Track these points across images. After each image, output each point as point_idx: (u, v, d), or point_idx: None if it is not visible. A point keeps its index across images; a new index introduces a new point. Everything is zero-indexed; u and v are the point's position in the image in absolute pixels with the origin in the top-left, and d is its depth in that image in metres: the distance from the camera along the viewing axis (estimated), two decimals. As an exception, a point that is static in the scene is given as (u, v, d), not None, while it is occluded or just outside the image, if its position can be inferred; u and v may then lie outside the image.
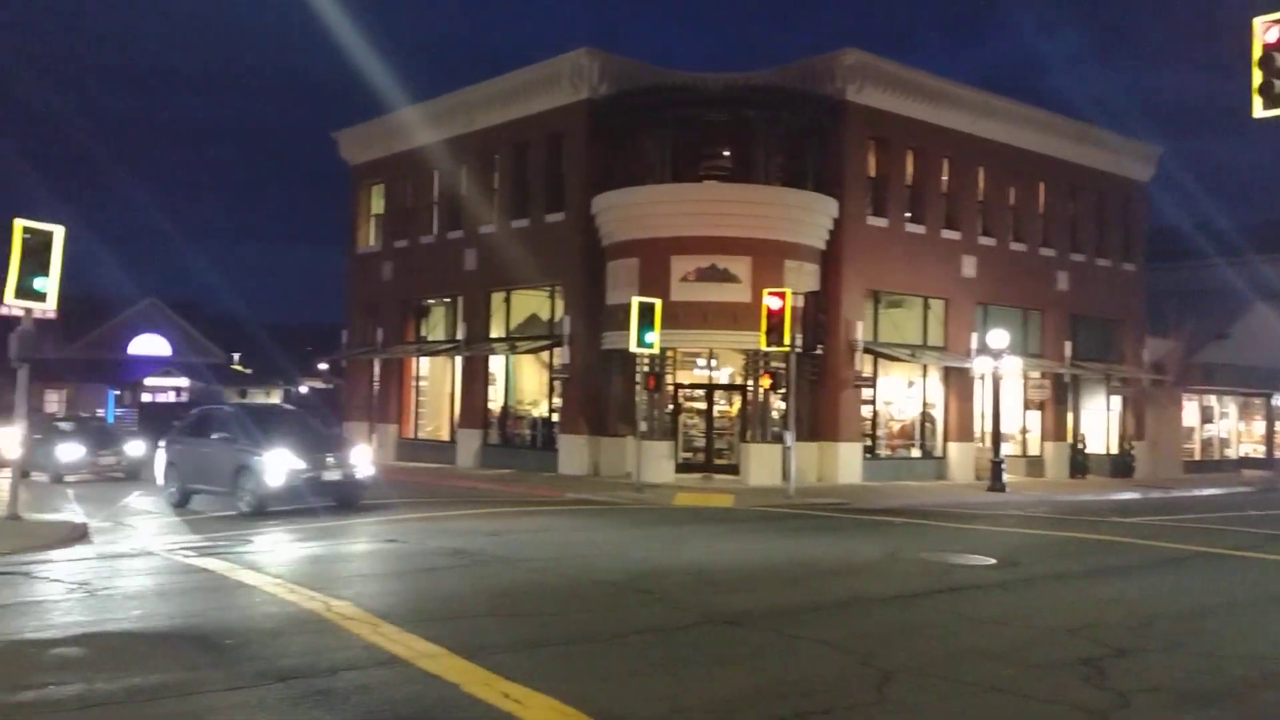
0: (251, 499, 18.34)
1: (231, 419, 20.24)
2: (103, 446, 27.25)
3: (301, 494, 18.59)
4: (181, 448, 20.59)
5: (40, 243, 16.39)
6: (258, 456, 18.49)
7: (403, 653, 8.06)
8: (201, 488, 19.89)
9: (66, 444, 26.52)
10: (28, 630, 9.05)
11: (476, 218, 32.41)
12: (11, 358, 17.01)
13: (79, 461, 26.35)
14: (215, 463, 19.34)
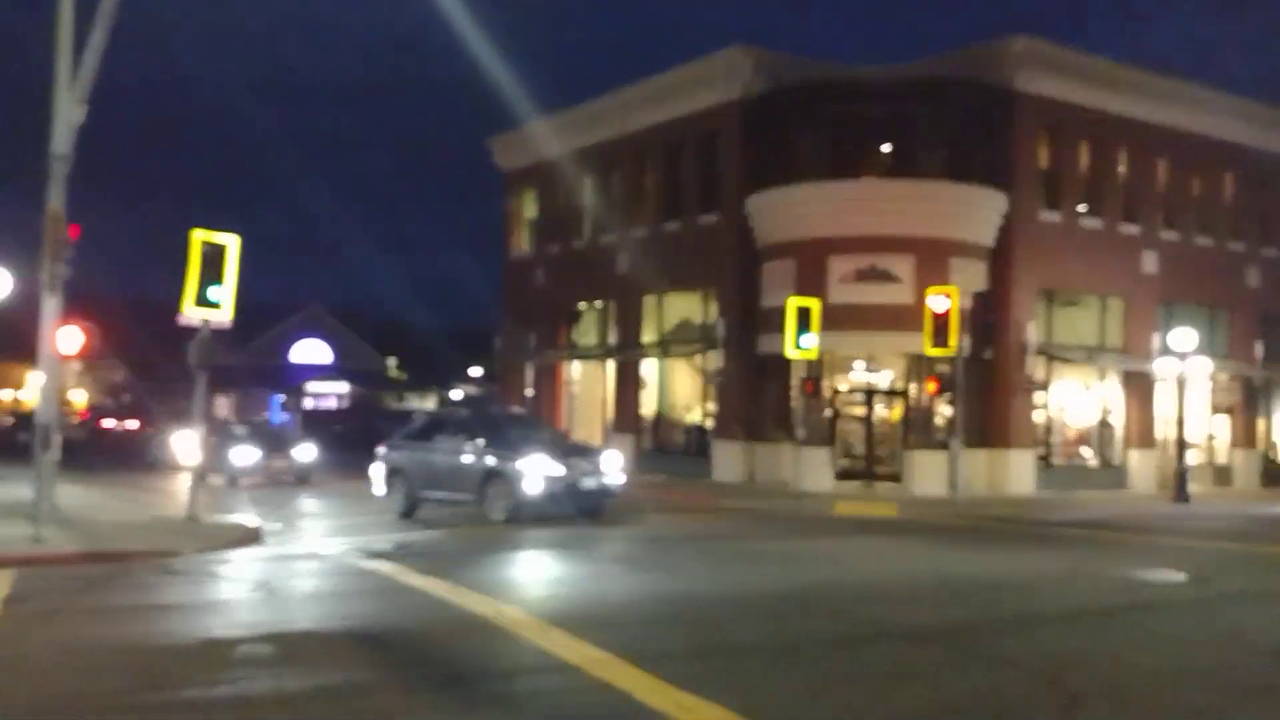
0: (506, 507, 17.68)
1: (474, 424, 19.56)
2: (275, 451, 27.60)
3: (560, 502, 17.87)
4: (409, 454, 19.81)
5: (216, 254, 17.02)
6: (512, 463, 17.77)
7: (573, 659, 7.97)
8: (437, 496, 19.21)
9: (242, 448, 26.99)
10: (217, 628, 9.32)
11: (628, 221, 32.43)
12: (190, 365, 17.72)
13: (253, 465, 26.71)
14: (456, 470, 18.65)
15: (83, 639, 8.79)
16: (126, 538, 14.80)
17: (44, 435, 15.28)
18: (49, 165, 16.46)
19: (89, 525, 15.83)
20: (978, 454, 26.23)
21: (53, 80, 16.45)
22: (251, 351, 58.44)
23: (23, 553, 12.96)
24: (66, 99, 16.28)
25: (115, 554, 13.48)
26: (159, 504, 20.25)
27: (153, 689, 7.10)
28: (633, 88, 31.94)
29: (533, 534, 16.57)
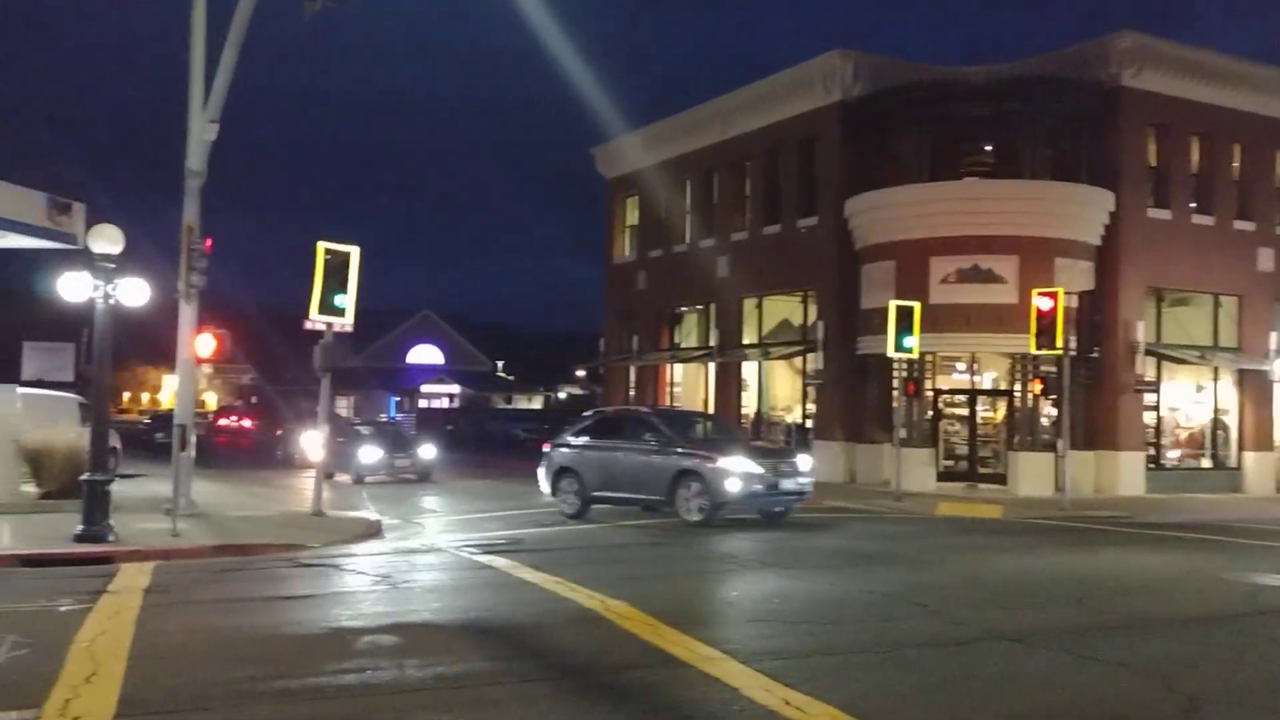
0: (703, 508, 17.26)
1: (659, 422, 19.01)
2: (398, 450, 28.17)
3: (759, 503, 17.58)
4: (581, 454, 19.30)
5: (339, 262, 17.88)
6: (711, 462, 17.41)
7: (681, 654, 8.19)
8: (615, 496, 18.78)
9: (367, 447, 27.60)
10: (344, 618, 9.88)
11: (728, 225, 32.69)
12: (315, 368, 18.61)
13: (378, 464, 27.28)
14: (641, 470, 18.19)
15: (218, 628, 9.38)
16: (256, 532, 15.69)
17: (181, 435, 16.29)
18: (184, 180, 17.56)
19: (221, 520, 16.80)
20: (1085, 455, 25.76)
21: (187, 101, 17.53)
22: (369, 355, 60.35)
23: (162, 546, 13.87)
24: (200, 118, 17.33)
25: (246, 547, 14.33)
26: (286, 500, 21.25)
27: (284, 676, 7.56)
28: (732, 95, 32.21)
29: (633, 533, 16.98)
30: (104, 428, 14.64)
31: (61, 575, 11.92)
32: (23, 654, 7.92)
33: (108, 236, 14.20)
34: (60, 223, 23.58)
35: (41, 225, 23.31)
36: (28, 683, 7.11)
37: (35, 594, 10.55)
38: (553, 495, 19.73)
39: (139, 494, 18.96)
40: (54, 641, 8.28)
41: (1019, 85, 27.07)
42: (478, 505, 21.04)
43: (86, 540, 13.64)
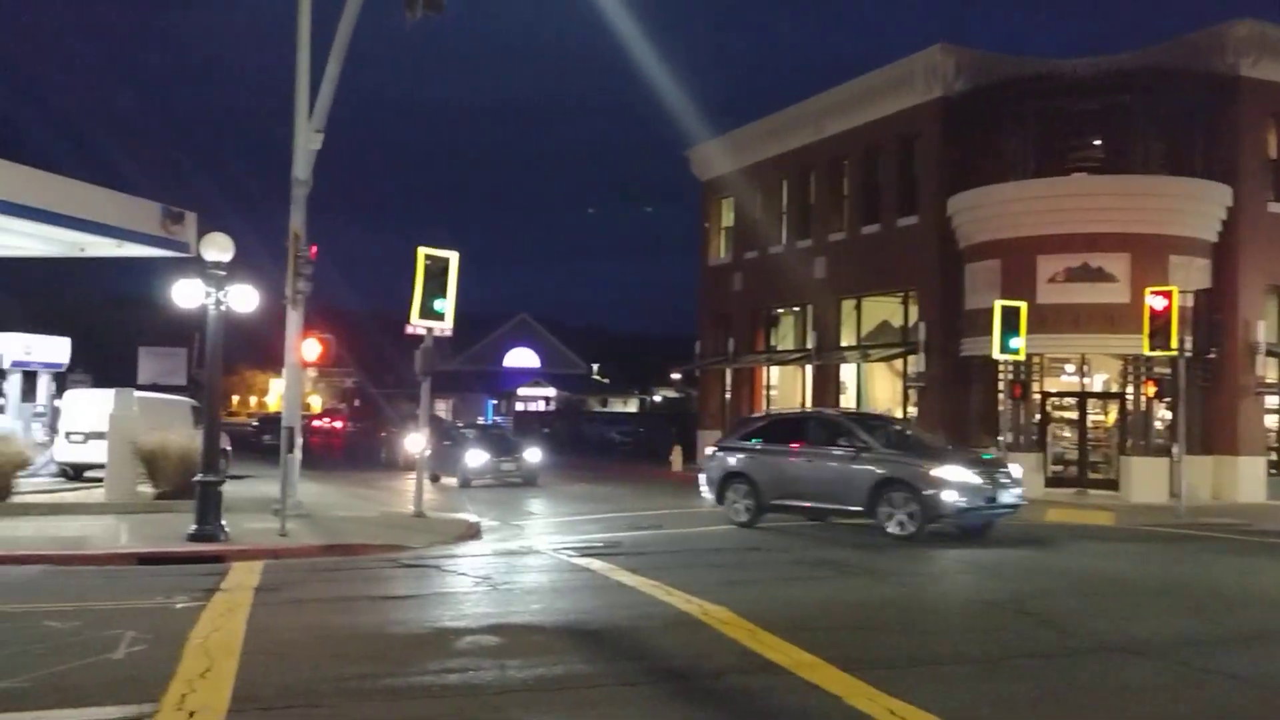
0: (912, 520, 15.92)
1: (854, 425, 17.63)
2: (504, 453, 27.76)
3: (975, 517, 16.20)
4: (757, 458, 18.04)
5: (439, 267, 18.16)
6: (923, 470, 16.06)
7: (781, 660, 8.10)
8: (799, 505, 17.59)
9: (473, 450, 27.29)
10: (446, 619, 10.00)
11: (826, 225, 32.31)
12: (416, 371, 18.92)
13: (484, 467, 26.96)
14: (834, 477, 16.90)
15: (326, 626, 9.58)
16: (360, 532, 16.01)
17: (288, 437, 16.72)
18: (290, 189, 18.02)
19: (326, 520, 17.19)
20: (1202, 460, 24.75)
21: (293, 112, 17.98)
22: (467, 358, 61.30)
23: (270, 545, 14.25)
24: (305, 128, 17.76)
25: (351, 547, 14.63)
26: (388, 501, 21.64)
27: (390, 674, 7.69)
28: (829, 93, 31.84)
29: (728, 535, 16.85)
30: (215, 430, 15.09)
31: (176, 573, 12.31)
32: (141, 649, 8.18)
33: (219, 245, 14.66)
34: (173, 232, 24.50)
35: (156, 234, 24.26)
36: (146, 677, 7.33)
37: (152, 591, 10.91)
38: (718, 503, 18.56)
39: (248, 494, 19.50)
40: (170, 637, 8.53)
41: (1129, 77, 26.16)
42: (575, 508, 21.13)
43: (199, 539, 14.08)
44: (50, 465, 22.27)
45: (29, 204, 21.14)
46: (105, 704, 6.67)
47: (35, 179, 21.78)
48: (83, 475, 22.15)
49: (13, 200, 20.81)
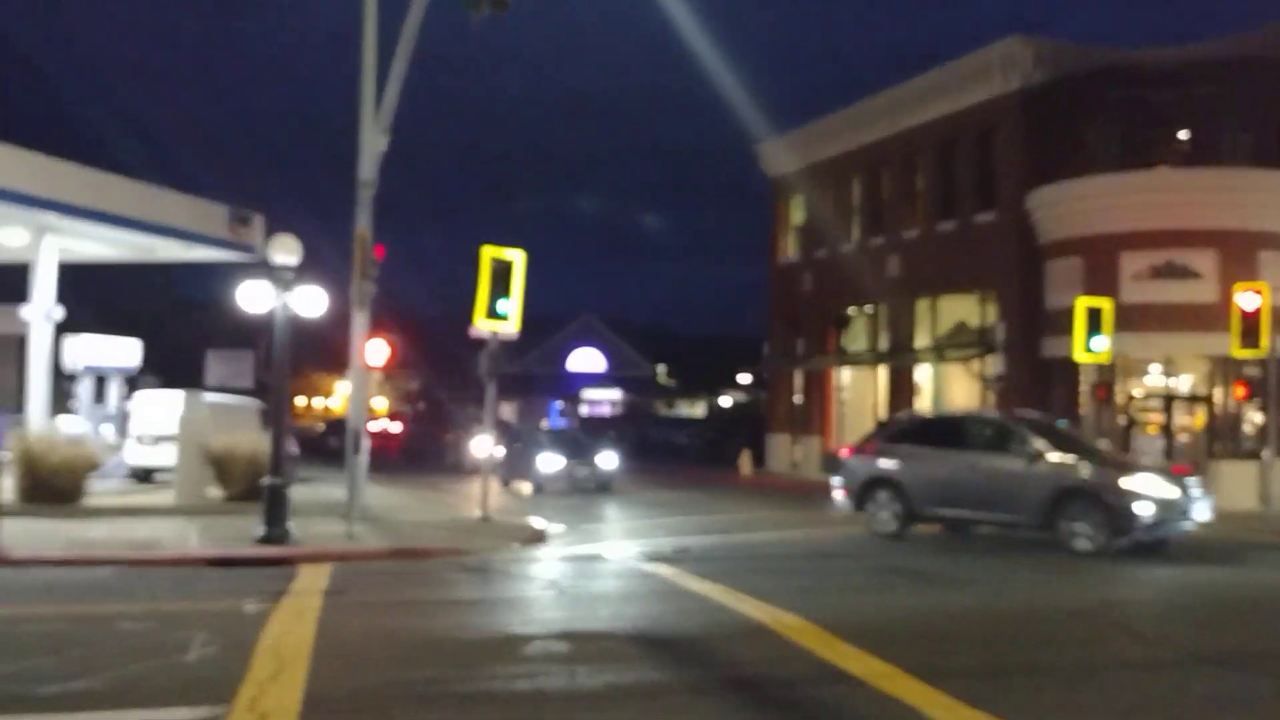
0: (1102, 535, 14.62)
1: (1023, 429, 16.14)
2: (579, 458, 26.66)
3: (1165, 531, 14.95)
4: (906, 463, 16.75)
5: (504, 268, 18.01)
6: (1111, 480, 14.89)
7: (857, 670, 7.83)
8: (957, 514, 16.43)
9: (547, 454, 26.25)
10: (514, 624, 9.87)
11: (899, 223, 31.69)
12: (481, 374, 18.80)
13: (558, 473, 25.86)
14: (1003, 485, 15.59)
15: (394, 630, 9.48)
16: (427, 536, 15.92)
17: (354, 440, 16.69)
18: (356, 191, 18.01)
19: (393, 524, 17.14)
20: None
21: (359, 113, 17.97)
22: (532, 360, 61.45)
23: (338, 549, 14.20)
24: (371, 129, 17.75)
25: (418, 551, 14.52)
26: (454, 504, 21.57)
27: (459, 679, 7.57)
28: (902, 87, 31.24)
29: (799, 541, 16.46)
30: (283, 434, 15.08)
31: (245, 576, 12.30)
32: (212, 651, 8.14)
33: (286, 247, 14.65)
34: (241, 234, 24.77)
35: (224, 237, 24.54)
36: (217, 679, 7.28)
37: (222, 594, 10.88)
38: (857, 509, 17.35)
39: (315, 498, 19.56)
40: (241, 640, 8.48)
41: (1214, 66, 25.25)
42: (640, 513, 20.92)
43: (268, 542, 14.07)
44: (121, 467, 22.57)
45: (103, 209, 21.57)
46: (178, 705, 6.68)
47: (109, 184, 22.20)
48: (152, 478, 22.43)
49: (88, 206, 21.25)
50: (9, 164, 19.78)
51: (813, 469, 34.09)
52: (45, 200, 20.29)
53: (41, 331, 22.56)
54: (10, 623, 9.09)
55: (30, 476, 16.55)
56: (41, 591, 10.86)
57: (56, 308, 22.58)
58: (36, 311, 22.37)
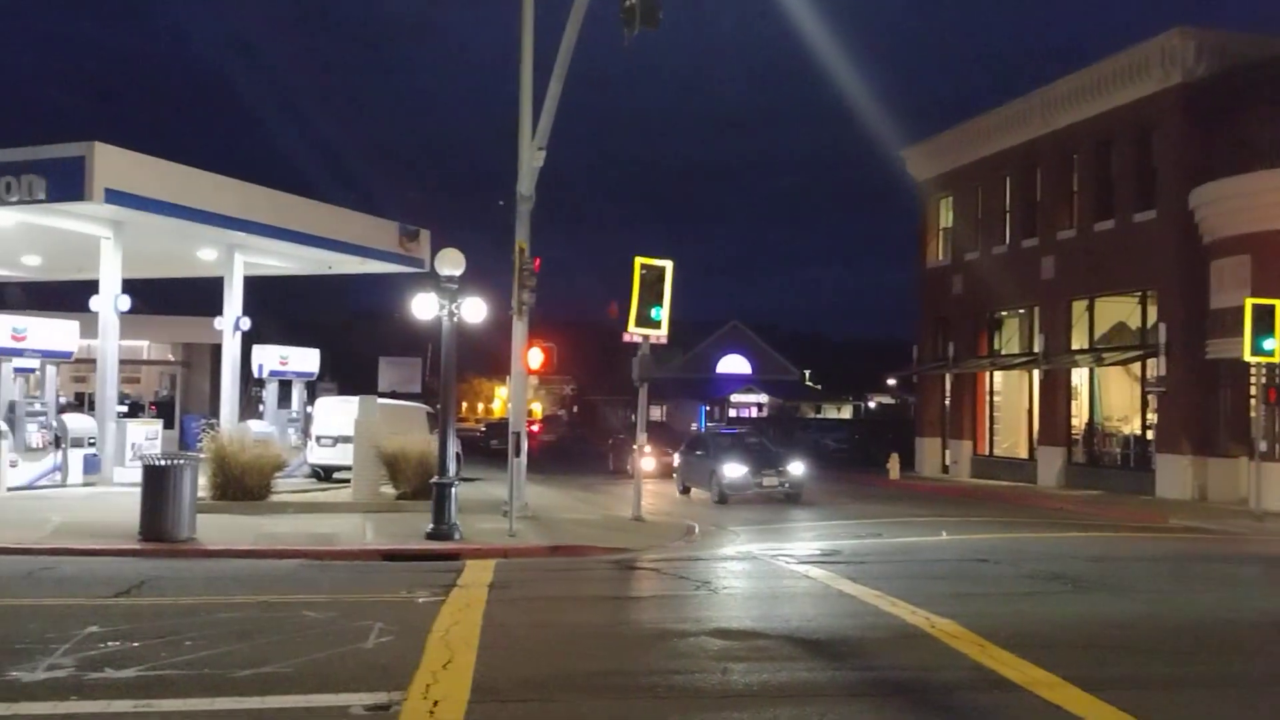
0: None
1: None
2: (765, 466, 24.33)
3: None
4: None
5: (654, 276, 18.52)
6: None
7: (1016, 677, 7.82)
8: None
9: (731, 463, 24.09)
10: (668, 621, 10.21)
11: (1054, 223, 30.81)
12: (634, 378, 19.34)
13: (743, 481, 23.78)
14: None
15: (556, 624, 9.99)
16: (583, 534, 16.51)
17: (515, 442, 17.45)
18: (515, 205, 18.82)
19: (551, 522, 17.80)
20: None
21: (517, 132, 18.78)
22: (679, 365, 62.01)
23: (501, 545, 14.91)
24: (529, 147, 18.50)
25: (575, 548, 15.11)
26: (608, 504, 22.14)
27: (617, 673, 7.95)
28: (1055, 84, 30.36)
29: (953, 546, 16.33)
30: (450, 435, 15.93)
31: (416, 569, 13.07)
32: (389, 640, 8.74)
33: (451, 260, 15.53)
34: (409, 249, 26.19)
35: (395, 251, 26.01)
36: (394, 666, 7.84)
37: (396, 585, 11.64)
38: None
39: (478, 496, 20.42)
40: (414, 630, 9.08)
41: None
42: (789, 515, 21.05)
43: (436, 538, 14.90)
44: (303, 467, 24.10)
45: (286, 227, 23.21)
46: (359, 690, 7.17)
47: (292, 204, 23.90)
48: (331, 476, 23.84)
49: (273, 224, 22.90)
50: (205, 188, 21.55)
51: (964, 473, 33.46)
52: (237, 220, 22.02)
53: (232, 341, 24.40)
54: (207, 610, 9.90)
55: (222, 475, 17.89)
56: (233, 581, 11.76)
57: (245, 319, 24.40)
58: (227, 322, 24.25)
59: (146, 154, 20.69)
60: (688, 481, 26.05)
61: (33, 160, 19.70)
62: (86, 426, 21.39)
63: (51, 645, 8.19)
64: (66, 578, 11.79)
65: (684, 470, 26.44)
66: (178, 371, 36.41)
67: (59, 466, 20.58)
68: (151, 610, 9.95)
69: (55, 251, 25.70)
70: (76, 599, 10.45)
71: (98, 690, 7.09)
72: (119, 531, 14.48)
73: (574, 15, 17.34)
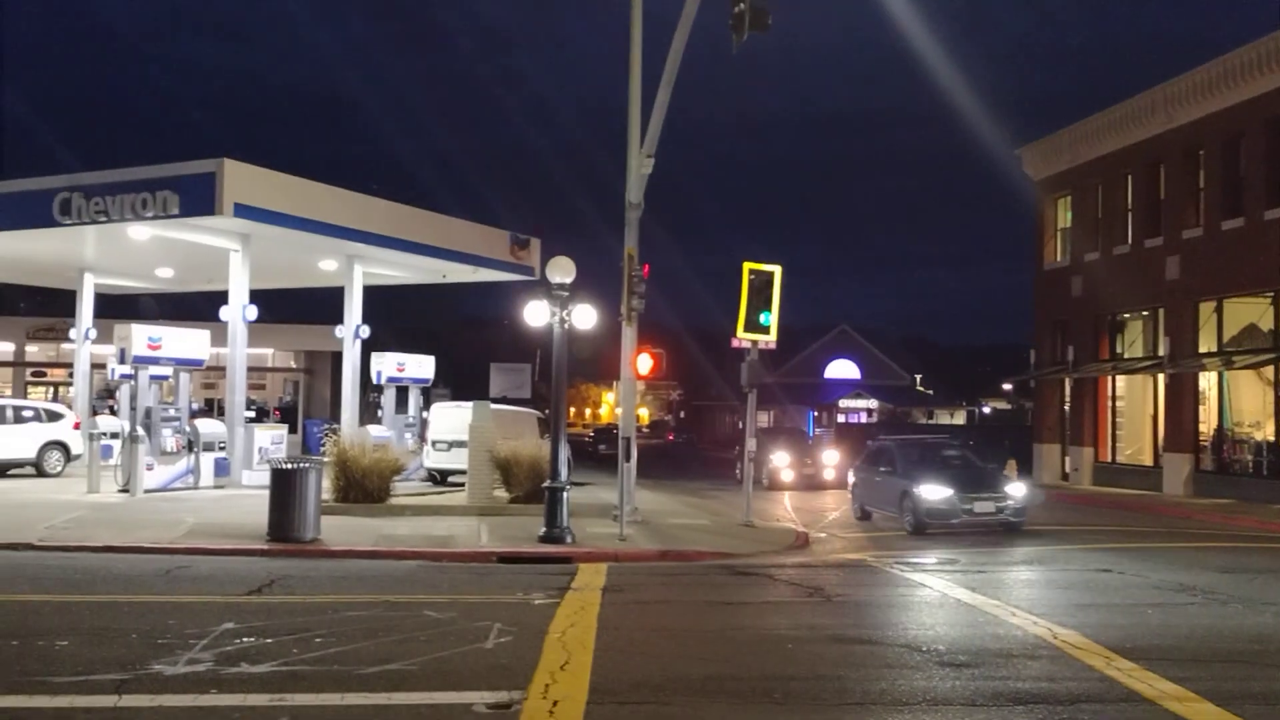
0: None
1: None
2: (976, 488, 19.13)
3: None
4: None
5: (763, 282, 18.49)
6: None
7: (1144, 691, 7.61)
8: None
9: (929, 483, 18.92)
10: (782, 627, 10.18)
11: (1179, 222, 29.68)
12: (742, 384, 19.32)
13: (947, 506, 18.58)
14: None
15: (669, 627, 10.05)
16: (693, 539, 16.56)
17: (625, 447, 17.59)
18: (624, 212, 19.00)
19: (661, 527, 17.89)
20: None
21: (625, 140, 18.95)
22: (787, 370, 61.64)
23: (612, 549, 15.05)
24: (637, 155, 18.66)
25: (686, 553, 15.17)
26: (717, 509, 22.10)
27: (732, 677, 7.96)
28: (1180, 79, 29.25)
29: (1073, 553, 15.86)
30: (562, 440, 16.16)
31: (531, 571, 13.30)
32: (507, 640, 8.93)
33: (562, 268, 15.77)
34: (520, 257, 26.71)
35: (506, 260, 26.55)
36: (513, 666, 8.02)
37: (513, 587, 11.86)
38: None
39: (588, 500, 20.62)
40: (531, 631, 9.26)
41: None
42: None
43: (548, 541, 15.13)
44: (420, 470, 24.75)
45: (403, 237, 23.94)
46: (481, 689, 7.34)
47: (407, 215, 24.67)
48: (447, 480, 24.42)
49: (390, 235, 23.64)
50: (326, 201, 22.39)
51: (1085, 480, 32.44)
52: (356, 231, 22.81)
53: (352, 348, 25.23)
54: (334, 608, 10.25)
55: (345, 478, 18.48)
56: (357, 581, 12.13)
57: (364, 327, 25.23)
58: (348, 330, 25.11)
59: (271, 169, 21.57)
60: (869, 504, 21.23)
61: (166, 177, 20.75)
62: (217, 431, 22.34)
63: (190, 640, 8.60)
64: (201, 576, 12.33)
65: (863, 489, 21.55)
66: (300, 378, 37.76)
67: (192, 469, 21.54)
68: (282, 608, 10.36)
69: (186, 264, 27.00)
70: (212, 596, 10.94)
71: (235, 684, 7.41)
72: (248, 532, 15.11)
73: (682, 22, 17.44)
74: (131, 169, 21.37)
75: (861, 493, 21.65)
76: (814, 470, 30.58)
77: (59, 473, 24.30)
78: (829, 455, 32.17)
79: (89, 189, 21.58)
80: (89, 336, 28.63)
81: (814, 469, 30.72)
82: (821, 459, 31.66)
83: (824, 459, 31.74)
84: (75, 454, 24.39)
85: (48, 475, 24.08)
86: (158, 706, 6.90)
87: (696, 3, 17.11)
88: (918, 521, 18.77)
